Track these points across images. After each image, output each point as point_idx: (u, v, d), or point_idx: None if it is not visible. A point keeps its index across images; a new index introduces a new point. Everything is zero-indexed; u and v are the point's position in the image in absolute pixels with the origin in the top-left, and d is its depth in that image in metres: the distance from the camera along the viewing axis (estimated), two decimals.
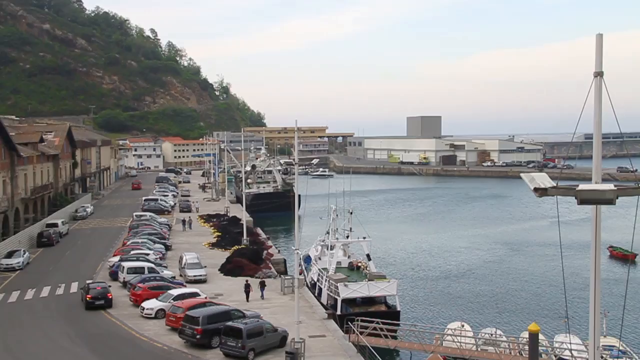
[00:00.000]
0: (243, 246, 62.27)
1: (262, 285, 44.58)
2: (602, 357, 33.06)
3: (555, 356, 34.58)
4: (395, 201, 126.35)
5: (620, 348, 35.34)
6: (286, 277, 47.18)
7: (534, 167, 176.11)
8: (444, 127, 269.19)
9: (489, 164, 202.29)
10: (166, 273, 48.31)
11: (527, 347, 32.18)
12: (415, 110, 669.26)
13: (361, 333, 35.95)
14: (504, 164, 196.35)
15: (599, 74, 10.14)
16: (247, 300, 42.72)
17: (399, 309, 43.90)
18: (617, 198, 8.81)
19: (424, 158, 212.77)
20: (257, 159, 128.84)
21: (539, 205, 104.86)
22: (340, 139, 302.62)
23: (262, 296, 43.79)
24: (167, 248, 61.30)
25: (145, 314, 38.69)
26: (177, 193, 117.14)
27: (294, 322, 32.20)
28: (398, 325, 40.15)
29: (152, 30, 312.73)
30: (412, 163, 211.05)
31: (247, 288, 43.54)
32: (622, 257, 64.49)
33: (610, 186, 8.85)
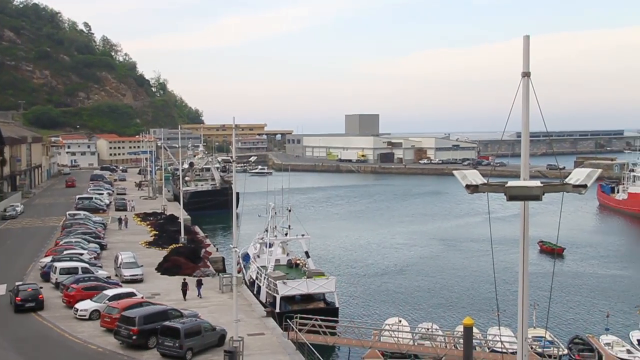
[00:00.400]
0: (181, 245, 61.53)
1: (199, 284, 44.18)
2: (531, 347, 34.23)
3: (489, 348, 35.56)
4: (333, 198, 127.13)
5: (548, 338, 36.69)
6: (224, 276, 46.89)
7: (469, 165, 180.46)
8: (381, 125, 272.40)
9: (425, 161, 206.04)
10: (101, 273, 47.22)
11: (462, 341, 32.98)
12: (353, 108, 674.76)
13: (300, 330, 36.06)
14: (440, 162, 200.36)
15: (526, 74, 10.48)
16: (185, 299, 42.27)
17: (337, 305, 44.21)
18: (543, 194, 9.14)
19: (362, 156, 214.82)
20: (195, 156, 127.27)
21: (474, 202, 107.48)
22: (279, 137, 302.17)
23: (199, 295, 43.40)
24: (102, 247, 59.94)
25: (78, 316, 37.70)
26: (113, 191, 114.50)
27: (233, 320, 32.00)
28: (337, 321, 40.44)
29: (86, 24, 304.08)
30: (350, 161, 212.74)
31: (184, 287, 43.09)
32: (550, 251, 66.84)
33: (537, 183, 9.17)
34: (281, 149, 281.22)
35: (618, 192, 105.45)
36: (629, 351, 35.17)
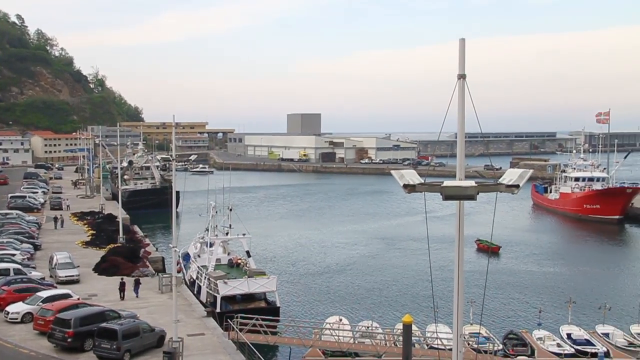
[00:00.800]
0: (119, 244, 60.37)
1: (137, 284, 43.43)
2: (468, 344, 35.07)
3: (427, 345, 36.20)
4: (275, 197, 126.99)
5: (484, 334, 37.66)
6: (164, 276, 46.25)
7: (409, 165, 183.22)
8: (323, 125, 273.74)
9: (366, 161, 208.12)
10: (35, 274, 45.81)
11: (401, 338, 33.48)
12: (295, 107, 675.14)
13: (241, 330, 35.89)
14: (381, 162, 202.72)
15: (462, 77, 10.72)
16: (122, 299, 41.54)
17: (278, 305, 44.21)
18: (477, 194, 9.38)
19: (304, 155, 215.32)
20: (134, 154, 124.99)
21: (414, 201, 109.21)
22: (220, 135, 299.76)
23: (137, 295, 42.68)
24: (36, 248, 58.18)
25: (10, 319, 36.46)
26: (48, 190, 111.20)
27: (172, 321, 31.59)
28: (278, 321, 40.44)
29: (19, 17, 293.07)
30: (292, 160, 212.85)
31: (122, 287, 42.33)
32: (487, 249, 68.54)
33: (471, 183, 9.42)
34: (223, 147, 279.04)
35: (551, 192, 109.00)
36: (559, 345, 36.45)
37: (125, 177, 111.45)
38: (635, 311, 42.17)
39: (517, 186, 9.45)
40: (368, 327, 38.83)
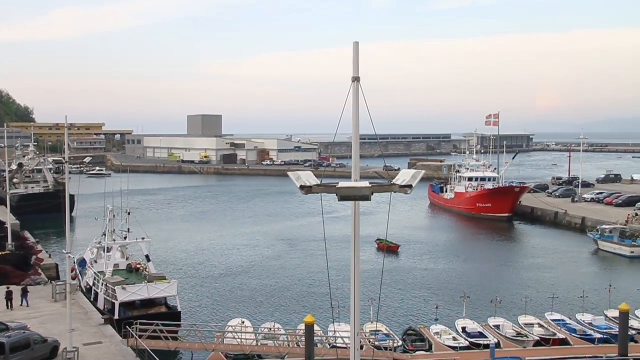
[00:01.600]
0: (8, 252, 57.34)
1: (25, 292, 41.40)
2: (369, 341, 35.86)
3: (330, 344, 36.68)
4: (176, 200, 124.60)
5: (384, 332, 38.65)
6: (58, 283, 44.33)
7: (310, 166, 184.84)
8: (225, 126, 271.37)
9: (268, 162, 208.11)
10: None
11: (304, 339, 33.77)
12: (196, 108, 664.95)
13: (140, 337, 34.98)
14: (283, 163, 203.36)
15: (356, 79, 10.96)
16: (10, 309, 39.50)
17: (180, 309, 43.40)
18: (372, 194, 9.63)
19: (205, 157, 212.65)
20: (24, 157, 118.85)
21: (316, 202, 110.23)
22: (118, 137, 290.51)
23: (26, 304, 40.71)
24: None
25: None
26: None
27: (67, 330, 30.33)
28: (179, 326, 39.74)
29: None
30: (193, 162, 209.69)
31: (9, 296, 40.24)
32: (387, 248, 70.26)
33: (366, 184, 9.66)
34: (120, 149, 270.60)
35: (446, 191, 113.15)
36: (455, 339, 37.96)
37: (15, 180, 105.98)
38: (522, 303, 44.56)
39: (410, 186, 9.79)
40: (271, 329, 38.89)
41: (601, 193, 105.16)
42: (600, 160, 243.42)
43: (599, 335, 38.24)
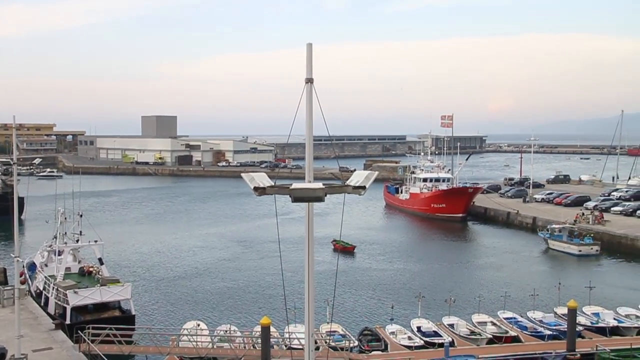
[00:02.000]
0: None
1: None
2: (325, 342, 35.96)
3: (286, 346, 36.65)
4: (130, 202, 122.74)
5: (340, 332, 38.81)
6: (5, 288, 43.11)
7: (266, 167, 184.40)
8: (180, 127, 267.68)
9: (224, 164, 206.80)
10: None
11: (260, 340, 33.67)
12: (150, 109, 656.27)
13: (93, 341, 34.32)
14: (239, 164, 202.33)
15: (309, 80, 11.00)
16: None
17: (133, 313, 42.77)
18: (325, 195, 9.67)
19: (160, 158, 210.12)
20: None
21: (272, 203, 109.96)
22: (70, 138, 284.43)
23: None
24: None
25: None
26: None
27: (15, 336, 29.56)
28: (133, 329, 39.16)
29: None
30: (147, 163, 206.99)
31: None
32: (343, 249, 70.60)
33: (319, 185, 9.70)
34: (73, 150, 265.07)
35: (401, 192, 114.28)
36: (410, 338, 38.37)
37: None
38: (476, 302, 45.34)
39: (364, 187, 9.87)
40: (226, 331, 38.64)
41: (551, 193, 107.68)
42: (550, 161, 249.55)
43: (548, 332, 39.17)
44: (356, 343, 37.45)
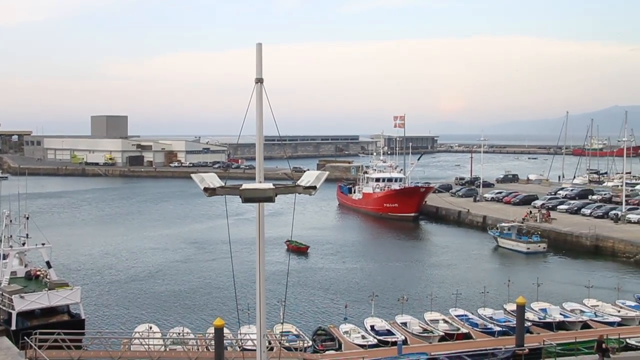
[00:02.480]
0: None
1: None
2: (279, 342, 35.94)
3: (240, 347, 36.46)
4: (79, 203, 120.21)
5: (294, 332, 38.84)
6: None
7: (219, 168, 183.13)
8: (130, 127, 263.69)
9: (176, 164, 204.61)
10: None
11: (213, 342, 33.43)
12: (100, 109, 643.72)
13: (40, 347, 33.49)
14: (191, 165, 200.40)
15: (259, 80, 11.00)
16: None
17: (83, 317, 41.86)
18: (276, 196, 9.69)
19: (110, 159, 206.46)
20: None
21: (228, 204, 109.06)
22: (16, 138, 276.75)
23: None
24: None
25: None
26: None
27: None
28: (83, 334, 38.37)
29: None
30: (97, 164, 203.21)
31: None
32: (296, 249, 70.64)
33: (269, 185, 9.71)
34: (18, 151, 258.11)
35: (354, 192, 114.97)
36: (363, 337, 38.66)
37: None
38: (428, 300, 45.95)
39: (314, 187, 9.92)
40: (179, 333, 38.23)
41: (500, 192, 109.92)
42: (500, 161, 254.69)
43: (498, 328, 39.99)
44: (310, 343, 37.51)
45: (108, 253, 71.48)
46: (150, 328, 39.67)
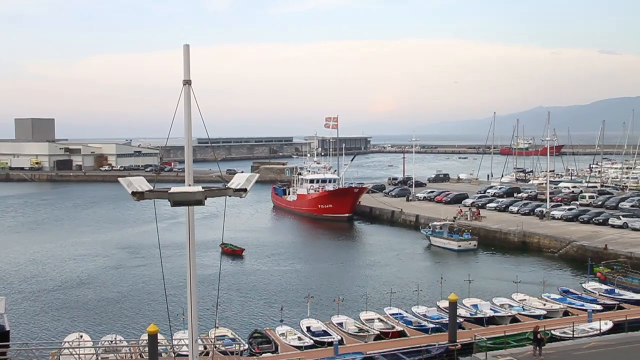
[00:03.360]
0: None
1: None
2: (215, 347, 35.56)
3: (175, 353, 35.87)
4: (4, 209, 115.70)
5: (230, 336, 38.52)
6: None
7: (152, 171, 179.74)
8: (58, 131, 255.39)
9: (107, 168, 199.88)
10: None
11: (147, 349, 32.76)
12: (25, 111, 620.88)
13: None
14: (122, 168, 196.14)
15: (187, 82, 10.87)
16: None
17: (8, 328, 40.19)
18: (205, 199, 9.59)
19: (37, 163, 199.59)
20: None
21: (161, 207, 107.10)
22: None
23: None
24: None
25: None
26: None
27: None
28: (7, 346, 36.88)
29: None
30: (22, 168, 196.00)
31: None
32: (231, 252, 70.08)
33: (199, 188, 9.61)
34: None
35: (289, 194, 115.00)
36: (299, 338, 38.71)
37: None
38: (363, 300, 46.46)
39: (245, 190, 9.87)
40: (112, 341, 37.32)
41: (432, 192, 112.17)
42: (431, 160, 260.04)
43: (431, 325, 40.82)
44: (246, 346, 37.32)
45: (35, 261, 69.00)
46: (81, 337, 38.51)
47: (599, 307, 44.56)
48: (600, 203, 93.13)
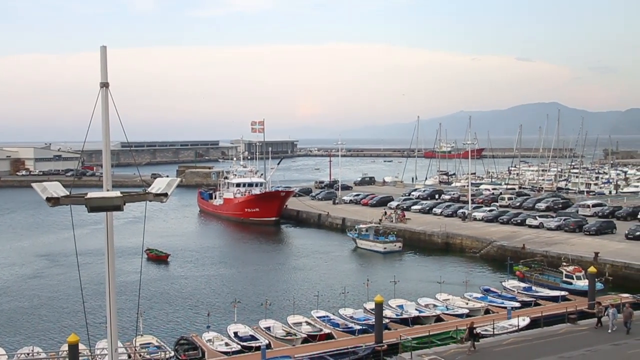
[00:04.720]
0: None
1: None
2: (140, 355, 34.77)
3: None
4: None
5: (155, 343, 37.75)
6: None
7: (73, 175, 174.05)
8: None
9: (24, 173, 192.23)
10: None
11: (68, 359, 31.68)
12: None
13: None
14: (41, 173, 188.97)
15: (104, 85, 10.61)
16: None
17: None
18: (124, 204, 9.37)
19: None
20: None
21: (84, 213, 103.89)
22: None
23: None
24: None
25: None
26: None
27: None
28: None
29: None
30: None
31: None
32: (157, 258, 68.71)
33: (117, 193, 9.38)
34: None
35: (215, 198, 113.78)
36: (227, 344, 38.37)
37: None
38: (291, 303, 46.48)
39: (166, 194, 9.69)
40: (29, 354, 35.90)
41: (358, 195, 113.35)
42: (357, 164, 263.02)
43: (358, 327, 41.26)
44: (172, 353, 36.68)
45: None
46: None
47: (517, 305, 46.24)
48: (518, 204, 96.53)
